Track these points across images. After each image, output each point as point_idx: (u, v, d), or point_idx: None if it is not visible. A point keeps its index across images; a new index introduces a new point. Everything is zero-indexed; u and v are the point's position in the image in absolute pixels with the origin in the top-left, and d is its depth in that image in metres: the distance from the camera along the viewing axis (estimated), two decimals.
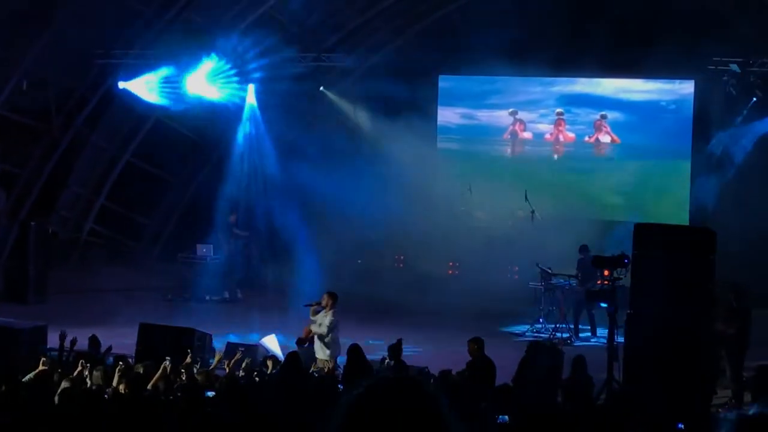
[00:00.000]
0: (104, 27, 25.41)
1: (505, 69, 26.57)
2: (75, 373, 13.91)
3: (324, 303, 17.59)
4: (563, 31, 24.92)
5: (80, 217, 28.70)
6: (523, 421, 11.32)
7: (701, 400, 14.57)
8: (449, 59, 26.99)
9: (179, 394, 12.35)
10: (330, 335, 17.31)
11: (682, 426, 11.11)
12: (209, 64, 25.89)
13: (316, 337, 17.48)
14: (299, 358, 14.84)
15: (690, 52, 23.43)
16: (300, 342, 17.97)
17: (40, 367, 13.59)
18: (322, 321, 17.38)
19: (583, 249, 21.93)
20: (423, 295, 23.04)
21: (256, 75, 26.49)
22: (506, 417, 11.22)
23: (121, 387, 12.80)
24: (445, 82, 28.59)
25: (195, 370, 15.20)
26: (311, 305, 17.92)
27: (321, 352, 17.38)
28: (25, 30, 24.58)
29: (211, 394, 12.28)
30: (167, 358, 14.66)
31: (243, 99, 27.42)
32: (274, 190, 27.36)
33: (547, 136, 27.77)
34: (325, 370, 16.43)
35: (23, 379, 12.89)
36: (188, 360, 15.61)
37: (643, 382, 14.71)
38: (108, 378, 13.64)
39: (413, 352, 18.33)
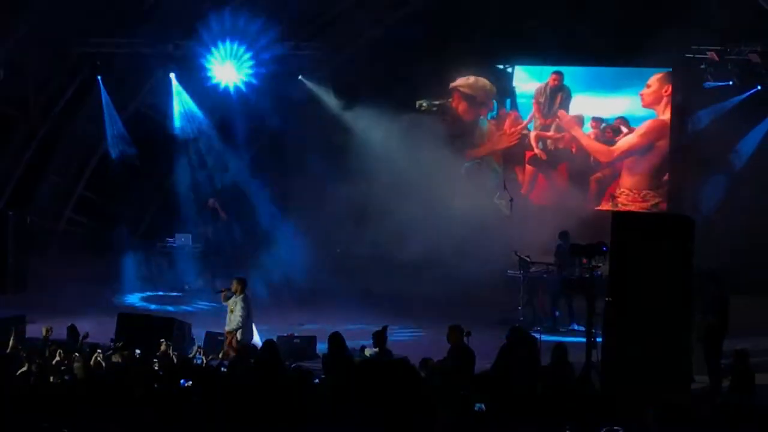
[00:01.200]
0: (82, 15, 25.29)
1: (485, 57, 26.62)
2: (54, 363, 13.96)
3: (234, 288, 18.00)
4: (542, 20, 24.92)
5: (59, 207, 28.58)
6: (500, 409, 11.35)
7: (678, 388, 14.64)
8: (430, 47, 26.88)
9: (155, 384, 12.36)
10: (246, 320, 17.79)
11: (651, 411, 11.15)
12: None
13: (228, 313, 17.91)
14: (276, 347, 14.83)
15: (668, 40, 23.47)
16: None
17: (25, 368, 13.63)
18: (234, 308, 17.83)
19: (563, 235, 21.87)
20: (401, 283, 23.04)
21: (235, 62, 26.33)
22: (482, 405, 11.22)
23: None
24: (426, 69, 28.48)
25: (174, 359, 15.25)
26: (222, 291, 18.37)
27: (231, 325, 17.85)
28: (2, 18, 24.44)
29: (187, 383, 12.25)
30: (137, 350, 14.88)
31: (221, 85, 27.20)
32: (252, 179, 27.31)
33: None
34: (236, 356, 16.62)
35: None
36: (163, 348, 15.69)
37: (622, 370, 14.80)
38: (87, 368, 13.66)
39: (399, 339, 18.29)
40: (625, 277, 15.24)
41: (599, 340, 15.68)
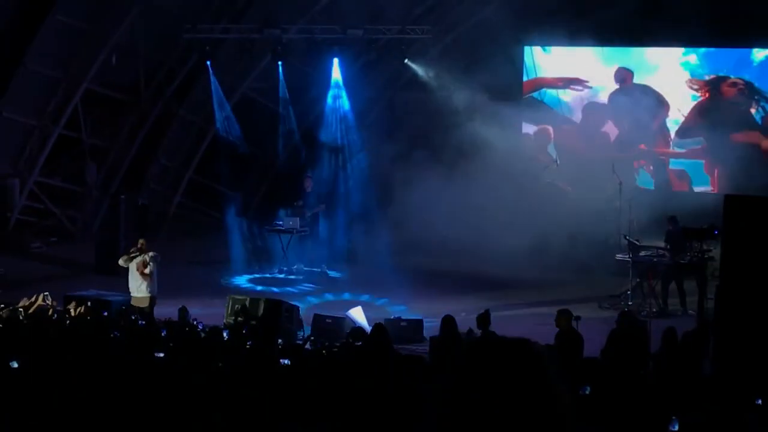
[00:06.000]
0: (191, 1, 25.71)
1: (590, 39, 26.25)
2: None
3: (141, 246, 19.14)
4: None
5: (169, 190, 29.03)
6: (606, 393, 11.23)
7: None
8: (535, 29, 26.59)
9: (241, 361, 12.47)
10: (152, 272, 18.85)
11: (761, 402, 10.93)
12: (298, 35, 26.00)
13: (140, 276, 18.78)
14: (386, 330, 14.85)
15: None
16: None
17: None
18: (145, 266, 18.86)
19: (672, 220, 21.55)
20: (509, 268, 22.89)
21: (339, 48, 26.46)
22: (587, 388, 11.11)
23: None
24: (531, 53, 28.32)
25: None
26: (132, 256, 19.07)
27: (144, 289, 18.77)
28: (113, 4, 24.89)
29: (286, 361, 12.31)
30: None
31: (328, 72, 27.43)
32: (355, 165, 27.43)
33: None
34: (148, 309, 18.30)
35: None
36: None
37: (734, 356, 14.53)
38: None
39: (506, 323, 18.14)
40: (738, 261, 14.98)
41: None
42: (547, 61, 28.12)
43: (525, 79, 28.36)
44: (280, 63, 26.77)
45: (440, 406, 2.96)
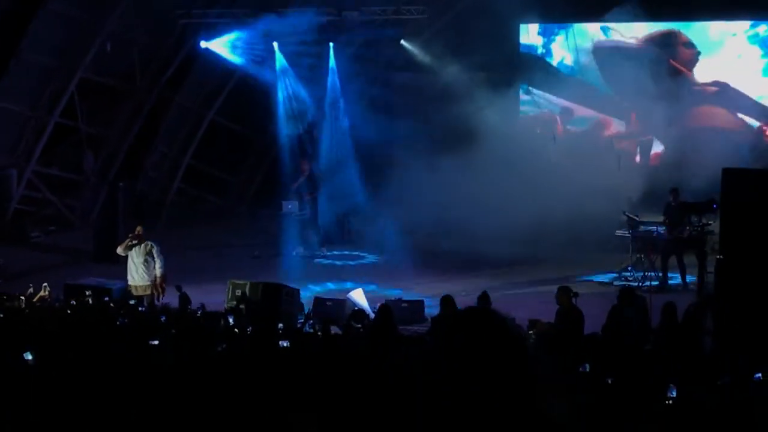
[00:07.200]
0: None
1: (589, 16, 26.12)
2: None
3: (138, 232, 19.00)
4: None
5: (167, 177, 29.01)
6: (606, 369, 11.23)
7: None
8: (530, 8, 26.50)
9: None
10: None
11: (760, 376, 10.91)
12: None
13: (141, 263, 18.71)
14: (391, 311, 14.85)
15: None
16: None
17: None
18: (147, 254, 18.75)
19: (674, 192, 21.33)
20: (509, 246, 22.88)
21: (334, 31, 26.40)
22: (587, 366, 11.09)
23: None
24: (525, 32, 28.23)
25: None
26: (131, 244, 18.91)
27: (147, 276, 18.74)
28: None
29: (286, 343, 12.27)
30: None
31: (324, 54, 27.40)
32: (353, 146, 27.42)
33: None
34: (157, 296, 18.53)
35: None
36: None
37: (734, 329, 14.54)
38: None
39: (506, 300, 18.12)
40: (737, 235, 14.97)
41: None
42: None
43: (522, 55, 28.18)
44: (275, 44, 26.74)
45: (442, 399, 2.97)
